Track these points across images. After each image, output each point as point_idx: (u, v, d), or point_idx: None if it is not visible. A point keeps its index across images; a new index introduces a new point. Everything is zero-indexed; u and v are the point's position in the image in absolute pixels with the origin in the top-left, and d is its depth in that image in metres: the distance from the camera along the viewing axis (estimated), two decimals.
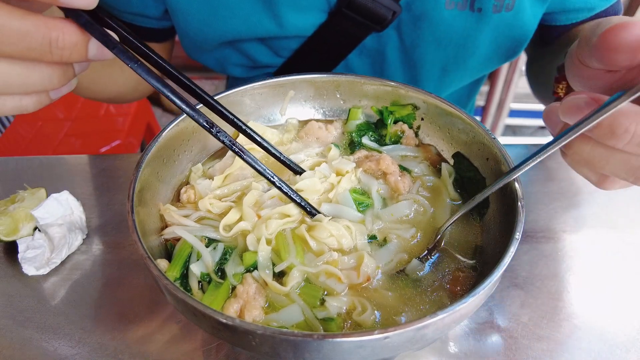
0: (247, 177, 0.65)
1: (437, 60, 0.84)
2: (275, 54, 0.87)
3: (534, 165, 0.49)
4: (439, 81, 0.88)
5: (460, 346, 0.61)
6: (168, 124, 0.60)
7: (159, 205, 0.60)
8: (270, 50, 0.86)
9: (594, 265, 0.71)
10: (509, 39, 0.82)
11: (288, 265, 0.53)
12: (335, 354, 0.41)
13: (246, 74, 0.93)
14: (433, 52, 0.83)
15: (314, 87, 0.72)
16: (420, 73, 0.86)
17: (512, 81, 2.35)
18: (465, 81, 0.92)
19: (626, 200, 0.82)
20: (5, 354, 0.60)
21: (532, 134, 2.91)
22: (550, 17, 0.83)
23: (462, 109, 0.63)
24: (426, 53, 0.83)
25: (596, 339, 0.62)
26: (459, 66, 0.85)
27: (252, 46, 0.85)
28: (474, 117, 0.63)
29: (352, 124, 0.73)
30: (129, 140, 1.88)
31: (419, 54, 0.83)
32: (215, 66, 0.92)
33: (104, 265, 0.71)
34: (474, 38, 0.80)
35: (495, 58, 0.86)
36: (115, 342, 0.61)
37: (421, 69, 0.85)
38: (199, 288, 0.53)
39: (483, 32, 0.79)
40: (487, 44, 0.81)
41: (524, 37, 0.83)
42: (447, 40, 0.80)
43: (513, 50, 0.85)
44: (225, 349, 0.60)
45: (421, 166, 0.68)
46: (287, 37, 0.82)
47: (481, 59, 0.85)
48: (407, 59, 0.85)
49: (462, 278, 0.54)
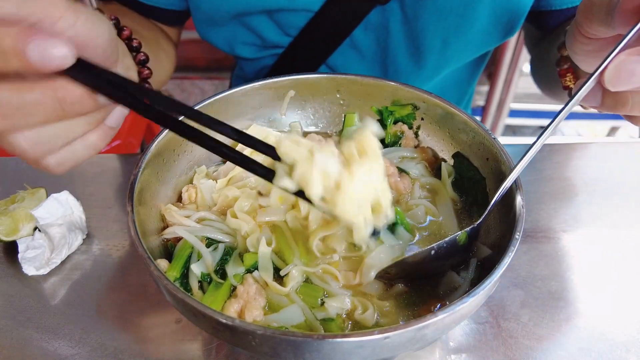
0: (250, 180, 0.65)
1: (438, 32, 0.85)
2: (283, 32, 0.89)
3: (533, 165, 0.49)
4: (440, 54, 0.89)
5: (460, 346, 0.61)
6: None
7: (159, 205, 0.60)
8: (278, 27, 0.88)
9: (594, 265, 0.71)
10: (506, 12, 0.84)
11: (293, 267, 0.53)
12: (336, 354, 0.41)
13: (255, 54, 0.95)
14: (434, 23, 0.84)
15: (314, 87, 0.72)
16: (423, 44, 0.87)
17: (512, 81, 2.35)
18: (466, 56, 0.93)
19: (626, 200, 0.82)
20: (5, 354, 0.60)
21: (532, 134, 2.91)
22: (546, 2, 0.84)
23: (462, 95, 0.63)
24: (428, 24, 0.84)
25: (596, 339, 0.62)
26: (459, 38, 0.86)
27: (260, 21, 0.87)
28: (474, 117, 0.64)
29: (348, 130, 0.73)
30: (129, 140, 1.88)
31: (421, 26, 0.85)
32: (224, 46, 0.94)
33: (104, 265, 0.71)
34: (473, 8, 0.81)
35: (494, 32, 0.87)
36: (115, 342, 0.61)
37: (423, 41, 0.87)
38: (199, 288, 0.53)
39: (482, 2, 0.81)
40: (486, 15, 0.83)
41: (521, 10, 0.84)
42: (448, 10, 0.82)
43: (511, 24, 0.86)
44: (225, 349, 0.60)
45: (419, 167, 0.68)
46: (294, 10, 0.84)
47: (481, 31, 0.86)
48: (410, 31, 0.86)
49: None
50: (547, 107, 2.54)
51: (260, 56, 0.95)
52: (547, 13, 0.86)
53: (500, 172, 0.57)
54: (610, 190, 0.84)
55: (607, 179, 0.87)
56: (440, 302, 0.53)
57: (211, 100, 0.65)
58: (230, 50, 0.95)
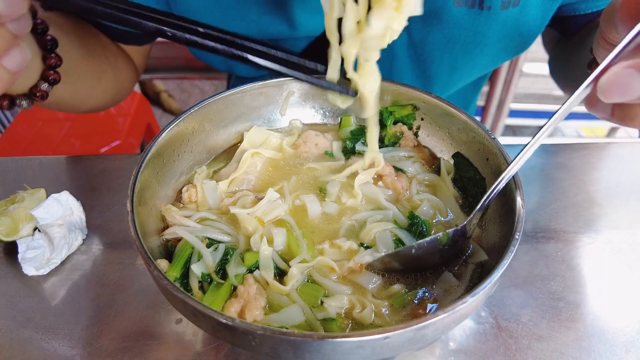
0: (251, 182, 0.65)
1: (446, 58, 0.84)
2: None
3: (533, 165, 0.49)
4: (448, 78, 0.88)
5: (460, 346, 0.61)
6: (168, 124, 0.60)
7: (159, 205, 0.60)
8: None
9: (594, 265, 0.71)
10: (516, 35, 0.82)
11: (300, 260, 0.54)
12: (336, 354, 0.41)
13: (253, 74, 0.94)
14: (442, 50, 0.83)
15: (314, 87, 0.72)
16: (430, 69, 0.86)
17: (512, 81, 2.35)
18: (473, 77, 0.93)
19: (626, 200, 0.82)
20: (5, 354, 0.60)
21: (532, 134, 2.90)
22: (569, 7, 0.82)
23: (467, 104, 0.63)
24: (435, 50, 0.83)
25: (596, 339, 0.62)
26: (467, 63, 0.85)
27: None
28: (474, 117, 0.64)
29: (345, 131, 0.73)
30: (129, 141, 1.88)
31: (428, 52, 0.84)
32: (222, 66, 0.93)
33: (104, 265, 0.71)
34: (482, 35, 0.80)
35: (503, 54, 0.86)
36: (115, 342, 0.61)
37: (430, 66, 0.86)
38: (200, 288, 0.53)
39: (491, 29, 0.79)
40: (496, 41, 0.82)
41: (531, 32, 0.83)
42: (456, 38, 0.81)
43: (521, 45, 0.85)
44: (225, 349, 0.60)
45: (415, 165, 0.68)
46: (297, 39, 0.83)
47: (490, 55, 0.85)
48: (416, 56, 0.85)
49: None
50: (547, 107, 2.54)
51: (258, 75, 0.94)
52: (571, 18, 0.84)
53: (500, 172, 0.57)
54: (610, 190, 0.84)
55: (607, 179, 0.87)
56: (437, 303, 0.53)
57: (211, 100, 0.65)
58: (229, 70, 0.94)
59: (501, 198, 0.55)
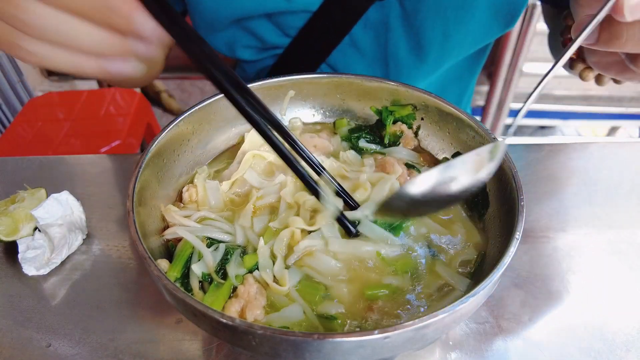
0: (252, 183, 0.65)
1: (438, 24, 0.86)
2: (283, 33, 0.89)
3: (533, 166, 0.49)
4: (441, 46, 0.89)
5: (460, 346, 0.61)
6: (168, 124, 0.60)
7: (159, 205, 0.60)
8: (277, 28, 0.88)
9: (594, 265, 0.71)
10: (505, 3, 0.85)
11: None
12: (336, 354, 0.41)
13: (255, 56, 0.95)
14: (434, 16, 0.84)
15: (314, 87, 0.72)
16: (423, 38, 0.87)
17: (512, 81, 2.35)
18: (467, 48, 0.93)
19: (626, 200, 0.82)
20: (6, 354, 0.60)
21: (532, 134, 2.91)
22: None
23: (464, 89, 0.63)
24: (427, 17, 0.85)
25: (596, 339, 0.62)
26: (459, 29, 0.86)
27: (260, 24, 0.87)
28: (473, 117, 0.64)
29: (342, 131, 0.73)
30: (129, 140, 1.88)
31: (420, 20, 0.85)
32: (224, 49, 0.94)
33: (104, 265, 0.71)
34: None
35: (494, 24, 0.88)
36: (115, 342, 0.61)
37: (423, 34, 0.87)
38: (200, 288, 0.53)
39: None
40: (485, 6, 0.84)
41: (520, 1, 0.85)
42: (447, 2, 0.82)
43: (510, 15, 0.87)
44: (225, 349, 0.60)
45: (423, 170, 0.68)
46: (294, 12, 0.84)
47: (480, 22, 0.86)
48: (410, 26, 0.87)
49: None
50: (547, 107, 2.54)
51: (261, 58, 0.96)
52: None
53: (500, 172, 0.57)
54: (610, 190, 0.84)
55: (607, 179, 0.87)
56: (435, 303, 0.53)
57: (211, 100, 0.65)
58: (231, 54, 0.95)
59: (501, 198, 0.55)
